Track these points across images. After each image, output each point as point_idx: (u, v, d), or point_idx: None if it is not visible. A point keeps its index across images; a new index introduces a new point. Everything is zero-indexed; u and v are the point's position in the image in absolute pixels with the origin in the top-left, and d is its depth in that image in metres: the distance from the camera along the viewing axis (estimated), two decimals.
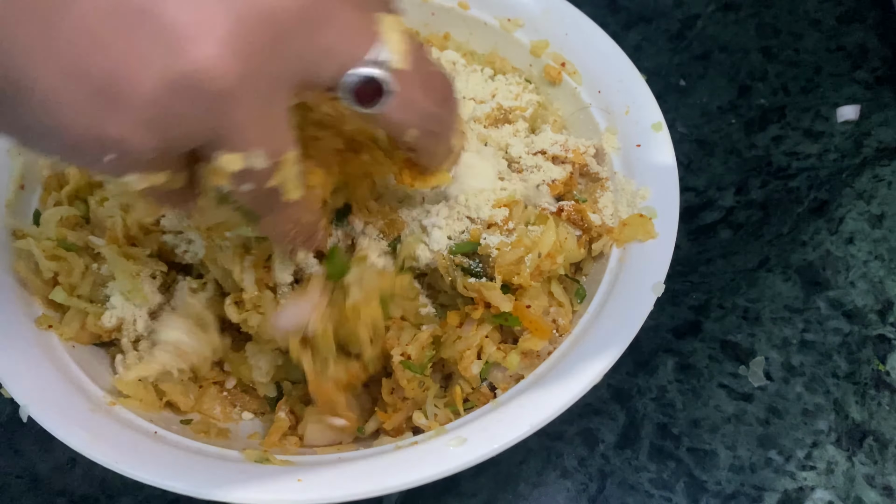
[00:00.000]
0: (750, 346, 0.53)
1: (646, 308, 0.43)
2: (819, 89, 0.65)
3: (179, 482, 0.39)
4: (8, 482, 0.50)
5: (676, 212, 0.46)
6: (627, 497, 0.49)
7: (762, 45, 0.68)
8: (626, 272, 0.45)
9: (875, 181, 0.60)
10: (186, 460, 0.41)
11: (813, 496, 0.48)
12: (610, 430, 0.51)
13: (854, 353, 0.53)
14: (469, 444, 0.40)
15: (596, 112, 0.52)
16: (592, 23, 0.54)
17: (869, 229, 0.58)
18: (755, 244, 0.58)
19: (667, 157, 0.48)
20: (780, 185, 0.60)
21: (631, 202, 0.48)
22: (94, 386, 0.45)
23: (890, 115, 0.63)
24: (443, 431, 0.41)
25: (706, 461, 0.50)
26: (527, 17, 0.55)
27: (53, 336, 0.47)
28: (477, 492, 0.49)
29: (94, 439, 0.41)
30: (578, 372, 0.41)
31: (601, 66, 0.53)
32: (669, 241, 0.45)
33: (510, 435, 0.40)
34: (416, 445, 0.41)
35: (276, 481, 0.39)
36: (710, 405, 0.52)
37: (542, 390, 0.41)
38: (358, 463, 0.40)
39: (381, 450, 0.41)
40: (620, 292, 0.44)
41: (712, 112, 0.64)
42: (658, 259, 0.45)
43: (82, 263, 0.48)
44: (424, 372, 0.44)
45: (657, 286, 0.44)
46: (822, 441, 0.50)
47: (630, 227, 0.46)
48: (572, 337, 0.44)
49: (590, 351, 0.42)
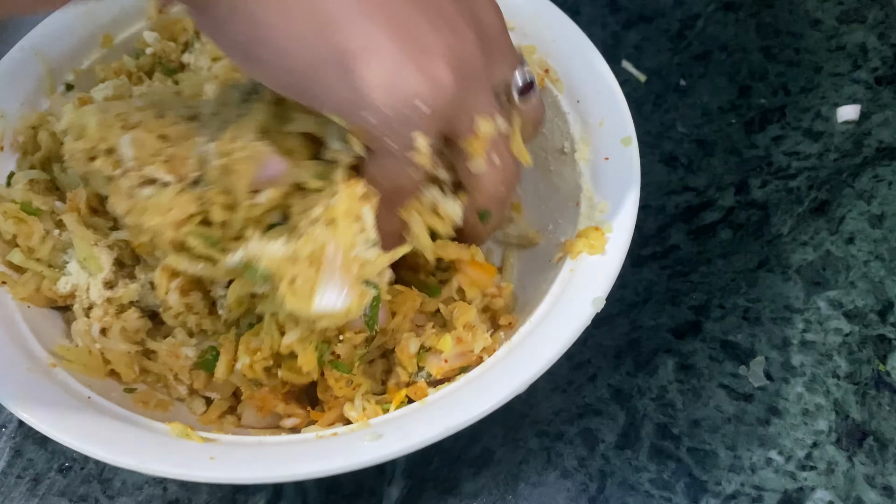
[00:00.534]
0: (750, 346, 0.54)
1: (582, 322, 0.43)
2: (819, 89, 0.65)
3: (94, 447, 0.40)
4: (8, 482, 0.50)
5: (630, 228, 0.46)
6: (627, 497, 0.49)
7: (762, 45, 0.68)
8: (573, 284, 0.45)
9: (875, 181, 0.60)
10: (110, 427, 0.42)
11: (813, 496, 0.48)
12: (610, 430, 0.51)
13: (854, 353, 0.53)
14: (383, 440, 0.40)
15: (573, 121, 0.52)
16: (579, 30, 0.54)
17: (869, 229, 0.58)
18: (755, 244, 0.58)
19: (631, 173, 0.48)
20: (780, 185, 0.60)
21: (590, 215, 0.48)
22: (39, 347, 0.46)
23: (890, 115, 0.63)
24: (365, 425, 0.42)
25: (706, 461, 0.50)
26: (517, 21, 0.55)
27: (7, 294, 0.48)
28: (477, 492, 0.49)
29: (23, 396, 0.42)
30: (505, 379, 0.42)
31: (583, 75, 0.53)
32: (619, 257, 0.45)
33: (424, 435, 0.40)
34: (336, 437, 0.41)
35: (189, 456, 0.40)
36: (711, 405, 0.52)
37: (466, 394, 0.42)
38: (275, 448, 0.41)
39: (304, 437, 0.42)
40: (563, 304, 0.44)
41: (712, 112, 0.64)
42: (604, 274, 0.45)
43: (42, 228, 0.49)
44: (352, 371, 0.45)
45: (597, 301, 0.43)
46: (822, 441, 0.50)
47: (582, 238, 0.46)
48: (510, 344, 0.44)
49: (522, 360, 0.43)
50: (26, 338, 0.46)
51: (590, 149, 0.50)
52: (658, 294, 0.56)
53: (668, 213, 0.59)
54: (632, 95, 0.51)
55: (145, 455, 0.40)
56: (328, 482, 0.50)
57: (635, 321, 0.55)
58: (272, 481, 0.40)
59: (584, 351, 0.54)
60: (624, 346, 0.54)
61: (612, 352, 0.54)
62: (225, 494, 0.49)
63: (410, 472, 0.50)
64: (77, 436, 0.41)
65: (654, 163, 0.62)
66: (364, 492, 0.49)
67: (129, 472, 0.50)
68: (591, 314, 0.43)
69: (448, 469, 0.50)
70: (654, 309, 0.55)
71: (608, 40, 0.68)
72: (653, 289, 0.56)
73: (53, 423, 0.41)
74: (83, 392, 0.44)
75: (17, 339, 0.46)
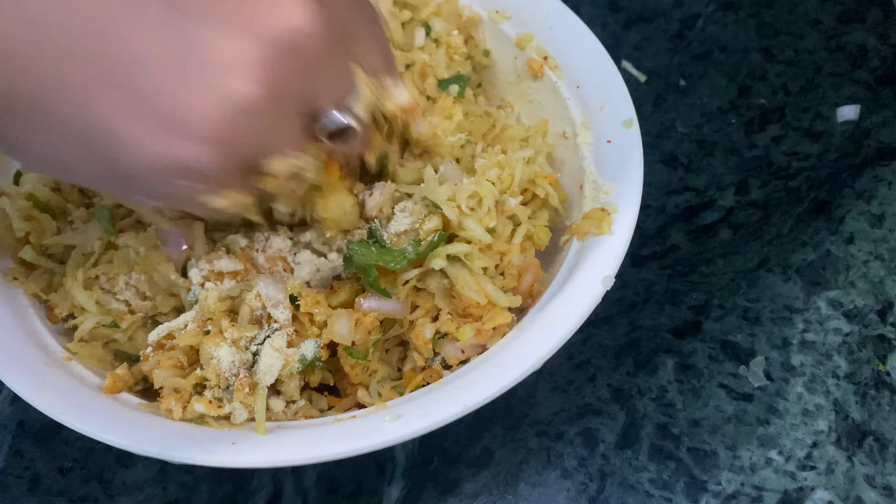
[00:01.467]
0: (750, 346, 0.54)
1: (592, 299, 0.43)
2: (819, 89, 0.65)
3: (117, 436, 0.41)
4: (8, 482, 0.50)
5: (636, 207, 0.47)
6: (627, 497, 0.49)
7: (762, 45, 0.68)
8: (581, 264, 0.46)
9: (875, 181, 0.60)
10: (129, 417, 0.42)
11: (813, 496, 0.48)
12: (610, 430, 0.51)
13: (854, 353, 0.53)
14: (403, 419, 0.41)
15: (573, 106, 0.53)
16: (577, 18, 0.55)
17: (869, 229, 0.58)
18: (755, 244, 0.58)
19: (634, 154, 0.49)
20: (780, 185, 0.60)
21: (595, 197, 0.48)
22: (53, 341, 0.46)
23: (890, 115, 0.63)
24: (382, 407, 0.42)
25: (706, 461, 0.50)
26: (514, 10, 0.56)
27: (19, 290, 0.48)
28: (477, 492, 0.49)
29: (41, 388, 0.42)
30: (519, 358, 0.42)
31: (582, 61, 0.53)
32: (625, 236, 0.46)
33: (443, 413, 0.41)
34: (355, 419, 0.42)
35: (212, 442, 0.41)
36: (711, 405, 0.52)
37: (481, 374, 0.42)
38: (294, 432, 0.42)
39: (322, 421, 0.42)
40: (571, 284, 0.45)
41: (712, 112, 0.64)
42: (612, 253, 0.45)
43: (55, 226, 0.49)
44: (367, 357, 0.45)
45: (607, 279, 0.44)
46: (822, 441, 0.50)
47: (588, 220, 0.47)
48: (521, 325, 0.45)
49: (534, 339, 0.43)
50: (41, 332, 0.47)
51: (591, 132, 0.51)
52: (658, 294, 0.56)
53: (668, 213, 0.59)
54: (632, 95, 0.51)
55: (166, 443, 0.40)
56: (328, 482, 0.50)
57: (635, 321, 0.55)
58: (294, 464, 0.41)
59: (584, 351, 0.54)
60: (624, 346, 0.54)
61: (612, 352, 0.54)
62: (225, 494, 0.49)
63: (410, 472, 0.50)
64: (97, 425, 0.41)
65: (654, 163, 0.62)
66: (364, 492, 0.49)
67: (128, 473, 0.50)
68: (601, 292, 0.44)
69: (448, 469, 0.50)
70: (653, 309, 0.55)
71: (608, 40, 0.68)
72: (653, 289, 0.56)
73: (74, 413, 0.41)
74: (100, 383, 0.44)
75: (32, 334, 0.46)
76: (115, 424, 0.41)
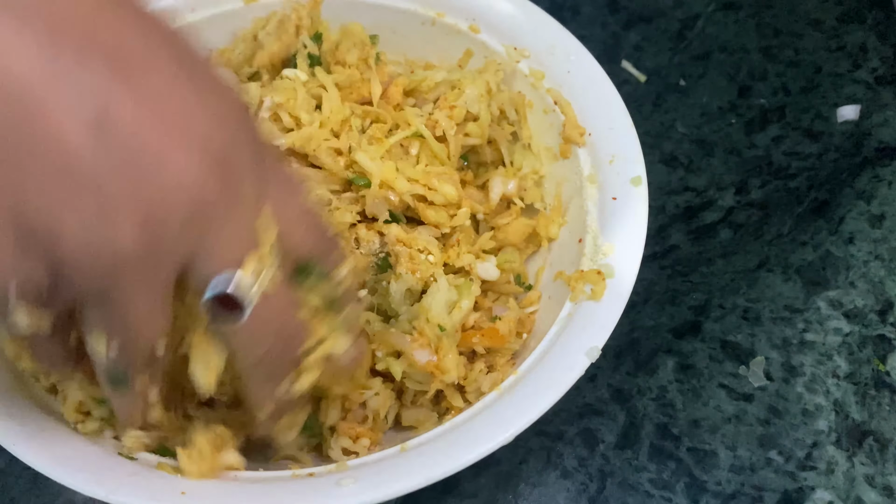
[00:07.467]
0: (750, 346, 0.54)
1: (575, 374, 0.42)
2: (819, 89, 0.65)
3: (66, 475, 0.40)
4: (8, 482, 0.50)
5: (633, 275, 0.45)
6: (627, 497, 0.49)
7: (762, 45, 0.68)
8: (569, 331, 0.44)
9: (875, 181, 0.60)
10: (80, 450, 0.41)
11: (813, 496, 0.48)
12: (610, 430, 0.51)
13: (854, 353, 0.53)
14: (359, 485, 0.39)
15: (582, 156, 0.51)
16: (596, 64, 0.53)
17: (869, 229, 0.58)
18: (755, 244, 0.58)
19: (638, 216, 0.47)
20: (780, 185, 0.60)
21: (593, 256, 0.47)
22: None
23: (890, 115, 0.63)
24: (343, 468, 0.41)
25: (706, 461, 0.50)
26: (533, 49, 0.54)
27: None
28: (477, 492, 0.49)
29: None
30: (491, 429, 0.41)
31: (596, 109, 0.52)
32: (619, 306, 0.44)
33: (404, 484, 0.39)
34: (311, 478, 0.41)
35: (160, 488, 0.40)
36: (711, 405, 0.52)
37: (449, 442, 0.41)
38: (248, 486, 0.40)
39: (279, 475, 0.41)
40: (557, 352, 0.44)
41: (712, 112, 0.64)
42: (602, 323, 0.44)
43: None
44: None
45: (592, 351, 0.43)
46: (822, 441, 0.50)
47: (583, 281, 0.46)
48: (500, 390, 0.43)
49: (509, 410, 0.42)
50: None
51: (597, 187, 0.50)
52: (658, 294, 0.56)
53: (668, 213, 0.59)
54: (632, 95, 0.51)
55: (113, 484, 0.39)
56: None
57: (635, 321, 0.55)
58: None
59: None
60: (624, 346, 0.54)
61: (612, 352, 0.54)
62: None
63: None
64: (40, 455, 0.40)
65: (654, 163, 0.62)
66: None
67: None
68: (584, 365, 0.43)
69: None
70: (653, 309, 0.55)
71: (608, 40, 0.68)
72: (653, 289, 0.56)
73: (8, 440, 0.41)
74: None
75: None
76: (60, 458, 0.41)
